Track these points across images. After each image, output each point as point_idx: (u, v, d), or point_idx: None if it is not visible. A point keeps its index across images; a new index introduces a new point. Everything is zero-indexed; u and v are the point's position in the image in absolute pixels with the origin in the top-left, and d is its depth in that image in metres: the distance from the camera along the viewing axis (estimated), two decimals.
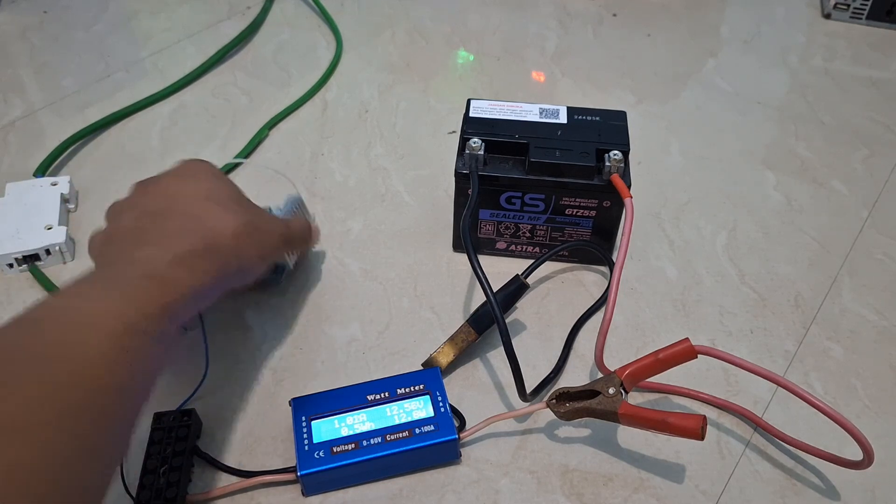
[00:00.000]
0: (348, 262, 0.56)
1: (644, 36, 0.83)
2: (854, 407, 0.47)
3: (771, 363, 0.49)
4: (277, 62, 0.77)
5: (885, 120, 0.71)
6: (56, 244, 0.54)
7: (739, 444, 0.45)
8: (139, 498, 0.39)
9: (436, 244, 0.57)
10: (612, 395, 0.41)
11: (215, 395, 0.47)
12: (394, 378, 0.45)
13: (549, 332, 0.51)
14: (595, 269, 0.56)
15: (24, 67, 0.76)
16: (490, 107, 0.53)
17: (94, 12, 0.84)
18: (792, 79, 0.77)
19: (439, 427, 0.42)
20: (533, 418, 0.46)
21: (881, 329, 0.52)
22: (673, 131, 0.69)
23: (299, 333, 0.51)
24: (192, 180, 0.43)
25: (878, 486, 0.43)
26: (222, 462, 0.43)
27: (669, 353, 0.41)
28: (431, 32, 0.83)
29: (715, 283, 0.55)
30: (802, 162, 0.66)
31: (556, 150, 0.50)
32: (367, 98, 0.73)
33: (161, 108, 0.71)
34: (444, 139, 0.68)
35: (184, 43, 0.80)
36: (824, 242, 0.58)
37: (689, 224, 0.59)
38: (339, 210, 0.60)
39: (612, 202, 0.51)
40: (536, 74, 0.77)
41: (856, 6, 0.83)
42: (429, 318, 0.52)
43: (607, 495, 0.42)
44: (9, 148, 0.66)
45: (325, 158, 0.65)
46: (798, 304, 0.53)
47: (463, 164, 0.51)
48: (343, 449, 0.41)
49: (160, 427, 0.43)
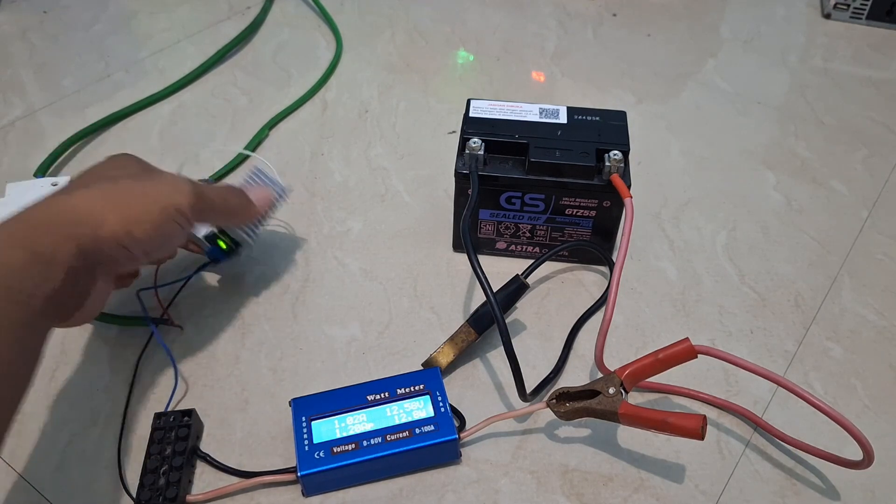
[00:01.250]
0: (348, 262, 0.56)
1: (644, 36, 0.83)
2: (854, 407, 0.47)
3: (771, 363, 0.49)
4: (277, 62, 0.77)
5: (885, 120, 0.71)
6: None
7: (739, 444, 0.45)
8: (139, 498, 0.39)
9: (436, 244, 0.57)
10: (612, 395, 0.41)
11: (215, 395, 0.47)
12: (394, 378, 0.45)
13: (549, 332, 0.51)
14: (595, 269, 0.56)
15: (24, 67, 0.76)
16: (490, 107, 0.53)
17: (94, 12, 0.84)
18: (792, 79, 0.77)
19: (439, 427, 0.42)
20: (533, 418, 0.46)
21: (881, 329, 0.52)
22: (673, 131, 0.69)
23: (299, 333, 0.51)
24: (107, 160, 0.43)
25: (878, 486, 0.43)
26: (222, 462, 0.43)
27: (669, 353, 0.41)
28: (431, 32, 0.83)
29: (715, 283, 0.55)
30: (802, 162, 0.66)
31: (556, 150, 0.50)
32: (367, 98, 0.73)
33: (161, 108, 0.71)
34: (444, 139, 0.68)
35: (184, 43, 0.80)
36: (824, 242, 0.58)
37: (689, 224, 0.59)
38: (339, 210, 0.60)
39: (612, 202, 0.51)
40: (536, 74, 0.77)
41: (856, 6, 0.84)
42: (429, 318, 0.52)
43: (607, 495, 0.42)
44: (9, 148, 0.66)
45: (325, 158, 0.65)
46: (798, 304, 0.53)
47: (463, 164, 0.51)
48: (343, 449, 0.41)
49: (160, 427, 0.42)
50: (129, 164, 0.43)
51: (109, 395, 0.46)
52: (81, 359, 0.48)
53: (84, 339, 0.50)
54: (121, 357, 0.48)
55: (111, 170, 0.42)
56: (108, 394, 0.46)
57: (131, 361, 0.48)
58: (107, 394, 0.46)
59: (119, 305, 0.51)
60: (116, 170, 0.42)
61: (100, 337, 0.50)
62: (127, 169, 0.43)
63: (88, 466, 0.43)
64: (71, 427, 0.45)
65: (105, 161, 0.43)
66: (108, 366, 0.48)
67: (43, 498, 0.41)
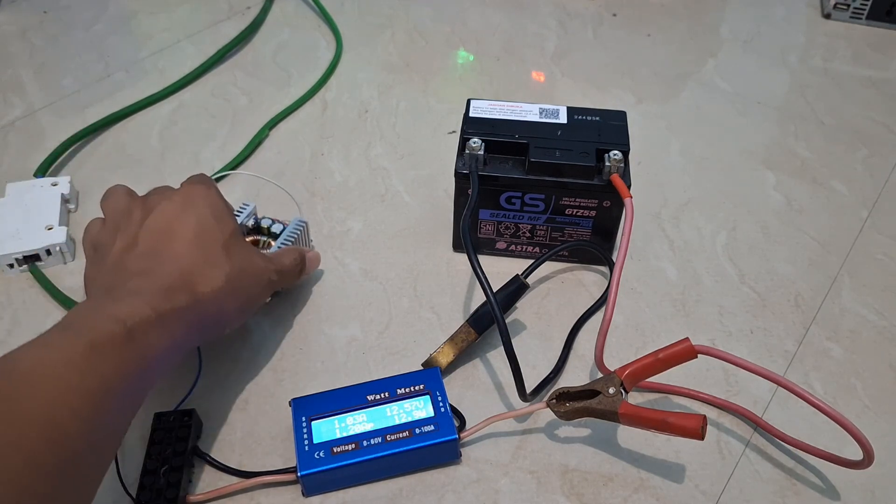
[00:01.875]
0: (348, 262, 0.56)
1: (644, 36, 0.83)
2: (854, 407, 0.47)
3: (771, 363, 0.49)
4: (277, 62, 0.77)
5: (885, 120, 0.71)
6: (56, 244, 0.54)
7: (739, 444, 0.45)
8: (139, 498, 0.39)
9: (436, 244, 0.57)
10: (612, 394, 0.41)
11: (215, 395, 0.47)
12: (394, 378, 0.45)
13: (549, 332, 0.51)
14: (595, 269, 0.56)
15: (24, 67, 0.76)
16: (490, 107, 0.53)
17: (94, 12, 0.84)
18: (792, 79, 0.77)
19: (439, 427, 0.42)
20: (533, 418, 0.46)
21: (881, 329, 0.52)
22: (673, 131, 0.69)
23: (299, 333, 0.51)
24: (190, 212, 0.42)
25: (878, 486, 0.43)
26: (222, 462, 0.43)
27: (669, 352, 0.41)
28: (431, 32, 0.83)
29: (715, 283, 0.55)
30: (802, 162, 0.66)
31: (556, 150, 0.50)
32: (367, 98, 0.73)
33: (161, 108, 0.71)
34: (444, 139, 0.68)
35: (183, 43, 0.80)
36: (824, 242, 0.58)
37: (689, 224, 0.59)
38: (339, 210, 0.60)
39: (612, 202, 0.51)
40: (536, 74, 0.77)
41: (856, 6, 0.83)
42: (429, 318, 0.52)
43: (607, 495, 0.42)
44: (9, 148, 0.66)
45: (325, 158, 0.65)
46: (798, 304, 0.53)
47: (463, 164, 0.51)
48: (343, 449, 0.41)
49: (160, 427, 0.42)
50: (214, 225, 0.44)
51: None
52: None
53: None
54: None
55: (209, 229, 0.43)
56: None
57: None
58: None
59: None
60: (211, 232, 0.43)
61: None
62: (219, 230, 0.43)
63: None
64: None
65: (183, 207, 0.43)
66: None
67: None
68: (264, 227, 0.53)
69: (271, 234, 0.53)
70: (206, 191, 0.44)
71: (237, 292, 0.42)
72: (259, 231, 0.53)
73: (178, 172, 0.63)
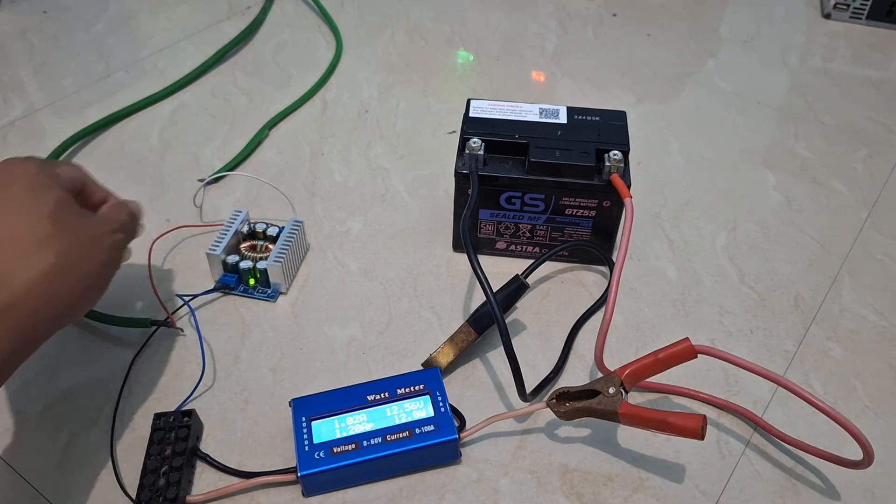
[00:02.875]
0: (348, 262, 0.56)
1: (644, 36, 0.83)
2: (854, 407, 0.47)
3: (771, 363, 0.49)
4: (277, 62, 0.77)
5: (885, 120, 0.71)
6: None
7: (739, 444, 0.45)
8: (139, 498, 0.39)
9: (436, 244, 0.57)
10: (612, 394, 0.41)
11: (215, 395, 0.47)
12: (394, 378, 0.45)
13: (549, 332, 0.51)
14: (595, 269, 0.56)
15: (24, 67, 0.76)
16: (490, 107, 0.53)
17: (94, 12, 0.84)
18: (792, 79, 0.77)
19: (439, 427, 0.42)
20: (533, 418, 0.46)
21: (881, 329, 0.52)
22: (673, 131, 0.69)
23: (299, 333, 0.51)
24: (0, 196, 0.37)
25: (878, 486, 0.43)
26: (222, 463, 0.43)
27: (669, 352, 0.41)
28: (431, 32, 0.83)
29: (715, 283, 0.55)
30: (802, 162, 0.66)
31: (556, 150, 0.50)
32: (367, 98, 0.73)
33: (161, 108, 0.71)
34: (444, 139, 0.68)
35: (183, 43, 0.80)
36: (824, 242, 0.58)
37: (689, 224, 0.59)
38: (339, 210, 0.60)
39: (611, 202, 0.51)
40: (536, 74, 0.77)
41: (856, 6, 0.84)
42: (429, 318, 0.52)
43: (607, 495, 0.42)
44: (9, 148, 0.66)
45: (325, 158, 0.65)
46: (798, 304, 0.53)
47: (463, 164, 0.51)
48: (343, 449, 0.41)
49: (160, 427, 0.42)
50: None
51: (109, 395, 0.46)
52: (81, 359, 0.48)
53: (84, 339, 0.50)
54: (121, 357, 0.48)
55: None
56: (108, 394, 0.46)
57: (130, 362, 0.48)
58: (106, 394, 0.46)
59: (119, 306, 0.51)
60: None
61: (100, 337, 0.50)
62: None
63: (88, 466, 0.43)
64: (70, 427, 0.45)
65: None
66: (108, 366, 0.48)
67: (42, 498, 0.41)
68: (259, 231, 0.53)
69: (268, 238, 0.53)
70: (21, 164, 0.39)
71: (77, 265, 0.37)
72: (254, 236, 0.53)
73: (178, 172, 0.63)
